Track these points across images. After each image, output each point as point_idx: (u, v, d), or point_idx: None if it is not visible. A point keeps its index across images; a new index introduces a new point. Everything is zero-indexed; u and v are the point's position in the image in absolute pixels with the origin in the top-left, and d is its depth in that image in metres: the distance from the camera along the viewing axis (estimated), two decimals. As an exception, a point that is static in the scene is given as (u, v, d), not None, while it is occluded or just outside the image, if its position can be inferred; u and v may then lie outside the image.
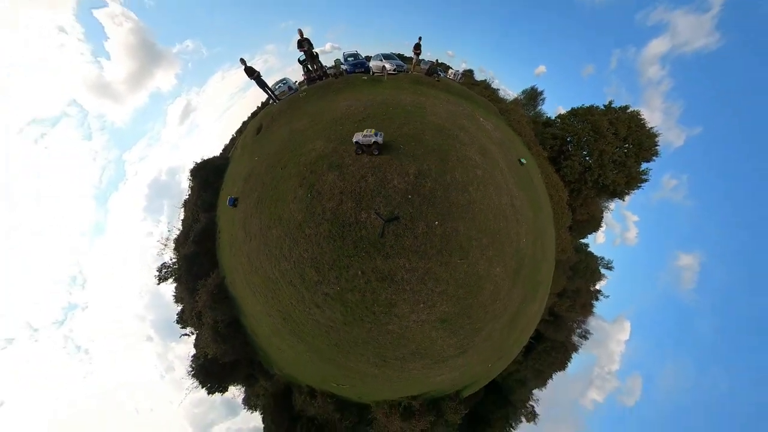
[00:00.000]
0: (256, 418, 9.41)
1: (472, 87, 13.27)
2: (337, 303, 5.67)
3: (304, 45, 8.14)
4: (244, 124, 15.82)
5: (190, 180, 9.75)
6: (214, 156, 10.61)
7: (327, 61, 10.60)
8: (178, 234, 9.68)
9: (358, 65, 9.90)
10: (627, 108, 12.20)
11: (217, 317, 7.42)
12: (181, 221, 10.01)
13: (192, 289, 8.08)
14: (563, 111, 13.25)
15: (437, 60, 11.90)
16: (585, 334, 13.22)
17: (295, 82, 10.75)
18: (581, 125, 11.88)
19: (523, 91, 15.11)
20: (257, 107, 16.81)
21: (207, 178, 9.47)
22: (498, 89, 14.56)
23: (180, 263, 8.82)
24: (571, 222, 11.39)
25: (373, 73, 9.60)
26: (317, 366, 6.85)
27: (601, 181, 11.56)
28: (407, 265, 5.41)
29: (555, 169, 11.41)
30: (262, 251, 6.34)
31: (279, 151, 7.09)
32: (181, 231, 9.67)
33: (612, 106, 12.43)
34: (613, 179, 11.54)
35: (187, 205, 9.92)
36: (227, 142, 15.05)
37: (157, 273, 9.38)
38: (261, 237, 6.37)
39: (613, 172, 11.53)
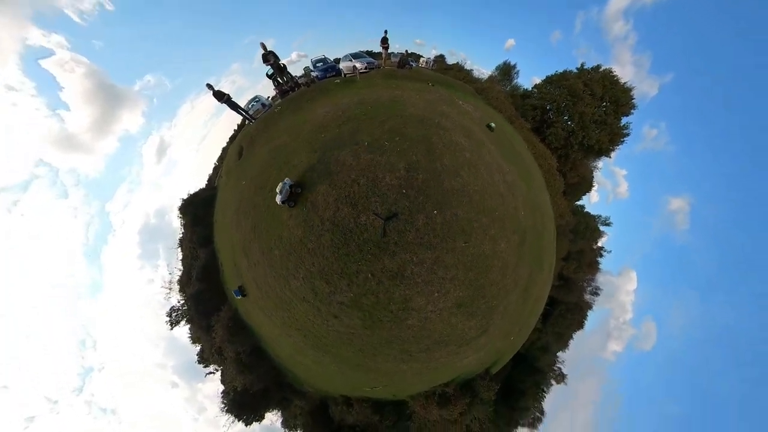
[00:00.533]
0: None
1: (445, 72, 13.16)
2: (354, 309, 5.69)
3: (269, 58, 7.89)
4: (224, 150, 15.43)
5: (180, 218, 9.54)
6: (200, 189, 10.37)
7: (296, 71, 10.42)
8: (180, 275, 9.53)
9: (328, 70, 9.63)
10: (599, 67, 12.45)
11: (238, 349, 7.38)
12: (181, 261, 9.82)
13: (206, 327, 7.98)
14: (539, 81, 13.43)
15: (407, 51, 11.81)
16: (595, 291, 13.64)
17: (268, 97, 10.44)
18: (558, 92, 12.07)
19: (497, 68, 15.08)
20: (234, 130, 16.40)
21: (197, 212, 9.29)
22: (471, 70, 14.39)
23: (188, 304, 8.74)
24: (564, 186, 11.58)
25: (345, 75, 9.42)
26: (346, 374, 6.89)
27: (586, 143, 11.83)
28: (414, 259, 5.44)
29: (540, 139, 11.58)
30: (268, 274, 6.30)
31: (265, 171, 6.99)
32: (183, 271, 9.52)
33: (584, 68, 12.63)
34: (597, 138, 11.84)
35: (183, 244, 9.73)
36: (210, 171, 14.71)
37: (168, 318, 9.24)
38: (265, 261, 6.31)
39: (596, 131, 11.83)
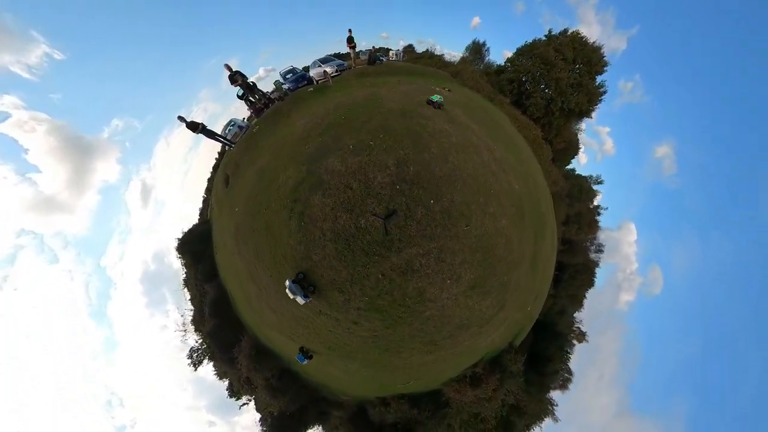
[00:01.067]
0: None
1: (416, 61, 13.13)
2: (372, 312, 5.71)
3: (236, 79, 7.70)
4: (209, 181, 15.15)
5: (179, 258, 9.36)
6: (193, 225, 10.19)
7: (267, 87, 10.20)
8: (192, 315, 9.41)
9: (299, 80, 9.43)
10: (566, 31, 12.58)
11: (266, 375, 7.37)
12: (190, 301, 9.67)
13: (230, 360, 7.93)
14: (510, 54, 13.44)
15: (373, 47, 11.65)
16: (599, 248, 14.20)
17: (244, 119, 10.25)
18: (531, 62, 12.15)
19: (467, 48, 15.02)
20: (216, 159, 16.09)
21: (195, 249, 9.14)
22: (442, 54, 14.34)
23: (207, 341, 8.67)
24: (552, 154, 11.86)
25: (318, 82, 9.20)
26: (377, 376, 6.95)
27: (566, 107, 12.12)
28: (421, 251, 5.47)
29: (521, 111, 11.72)
30: (280, 295, 6.24)
31: (255, 194, 6.89)
32: (194, 310, 9.39)
33: (552, 34, 12.70)
34: (576, 101, 12.11)
35: (189, 284, 9.58)
36: (200, 205, 14.43)
37: (189, 360, 9.14)
38: (274, 283, 6.27)
39: (574, 95, 12.08)
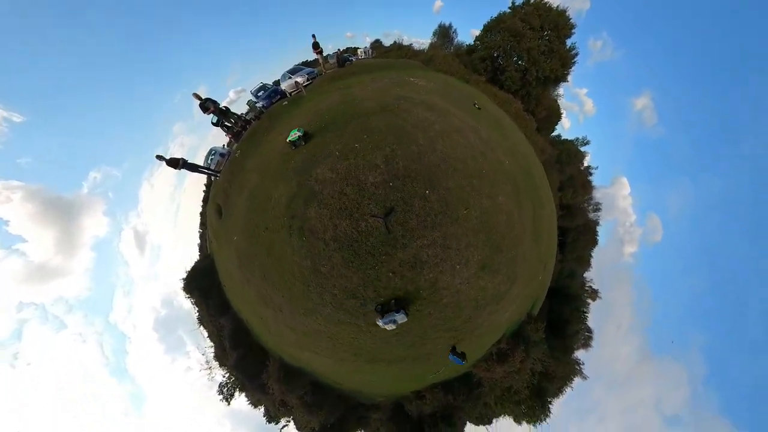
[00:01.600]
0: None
1: (386, 55, 12.97)
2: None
3: (208, 106, 7.50)
4: (202, 215, 14.93)
5: (188, 298, 9.25)
6: (195, 262, 10.03)
7: (240, 109, 9.88)
8: (213, 351, 9.31)
9: (272, 95, 9.22)
10: (529, 0, 12.57)
11: (299, 393, 7.39)
12: (208, 338, 9.59)
13: (261, 387, 7.91)
14: (478, 32, 13.46)
15: (339, 50, 11.52)
16: (596, 207, 14.41)
17: (224, 146, 10.06)
18: (500, 36, 12.14)
19: (434, 33, 14.90)
20: (204, 191, 15.84)
21: (202, 285, 9.01)
22: (411, 44, 14.15)
23: (234, 374, 8.59)
24: (536, 123, 11.84)
25: (291, 94, 9.03)
26: (407, 372, 7.02)
27: (541, 75, 12.13)
28: (425, 242, 5.51)
29: (499, 87, 11.74)
30: (297, 313, 6.26)
31: (251, 219, 6.82)
32: (215, 346, 9.29)
33: (516, 5, 12.72)
34: (550, 68, 12.12)
35: (203, 321, 9.47)
36: (198, 240, 14.23)
37: (221, 396, 9.09)
38: (288, 303, 6.26)
39: (547, 62, 12.06)
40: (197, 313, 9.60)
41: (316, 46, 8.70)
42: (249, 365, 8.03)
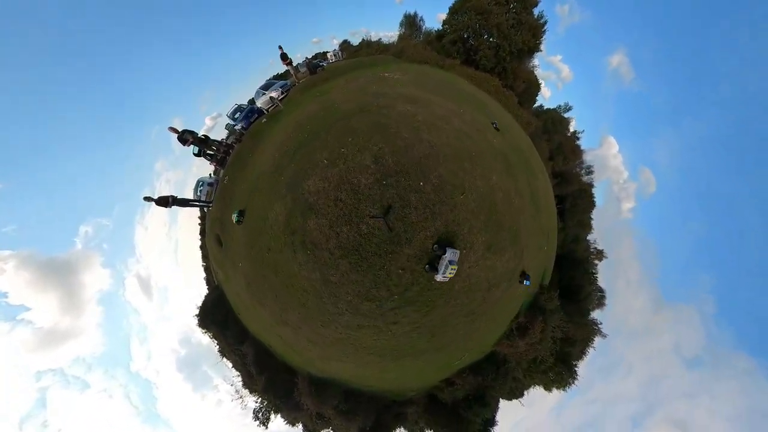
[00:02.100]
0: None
1: (356, 54, 12.77)
2: (406, 307, 5.81)
3: (186, 138, 7.30)
4: (202, 248, 14.79)
5: (205, 333, 9.21)
6: (205, 296, 9.97)
7: (220, 134, 9.85)
8: (241, 379, 9.32)
9: (249, 115, 9.00)
10: None
11: (333, 403, 7.46)
12: (233, 368, 9.59)
13: (295, 405, 7.97)
14: (445, 16, 13.18)
15: (307, 58, 11.31)
16: (589, 170, 14.51)
17: (210, 175, 9.88)
18: (466, 16, 11.99)
19: (401, 24, 14.71)
20: (199, 224, 15.65)
21: (216, 318, 8.98)
22: (379, 39, 13.95)
23: (265, 398, 8.61)
24: (517, 98, 11.86)
25: (268, 110, 8.86)
26: (432, 362, 7.11)
27: (514, 48, 11.98)
28: (428, 233, 5.55)
29: (474, 67, 11.61)
30: (316, 326, 6.29)
31: (252, 243, 6.79)
32: (242, 374, 9.30)
33: None
34: (522, 39, 11.97)
35: (225, 352, 9.44)
36: (203, 274, 14.12)
37: (257, 421, 9.10)
38: (305, 318, 6.28)
39: (518, 34, 11.93)
40: (217, 346, 9.58)
41: (284, 57, 8.53)
42: (279, 386, 8.10)
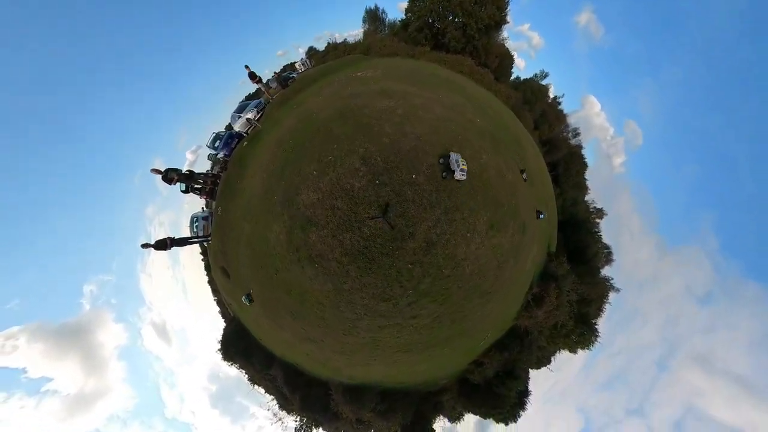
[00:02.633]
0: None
1: (325, 58, 12.49)
2: (422, 300, 5.85)
3: (171, 177, 7.20)
4: (210, 282, 14.70)
5: (231, 365, 9.21)
6: (224, 329, 9.92)
7: (204, 166, 9.68)
8: (276, 402, 9.36)
9: (229, 141, 8.89)
10: None
11: (370, 407, 7.53)
12: (266, 393, 9.64)
13: (334, 415, 8.04)
14: (406, 4, 12.97)
15: (276, 72, 11.09)
16: (575, 132, 14.59)
17: (203, 208, 9.71)
18: (428, 0, 11.76)
19: (364, 20, 14.53)
20: (202, 260, 15.54)
21: (239, 348, 8.95)
22: (344, 39, 13.84)
23: (304, 415, 8.69)
24: (492, 74, 11.70)
25: (247, 132, 8.75)
26: (458, 347, 7.21)
27: (481, 25, 11.78)
28: (430, 224, 5.57)
29: (445, 51, 11.41)
30: (338, 336, 6.32)
31: (259, 267, 6.76)
32: (276, 397, 9.34)
33: None
34: (487, 14, 11.78)
35: (255, 380, 9.48)
36: (217, 308, 14.06)
37: None
38: (326, 330, 6.30)
39: (482, 10, 11.73)
40: (246, 375, 9.60)
41: (252, 76, 8.44)
42: (314, 401, 8.15)
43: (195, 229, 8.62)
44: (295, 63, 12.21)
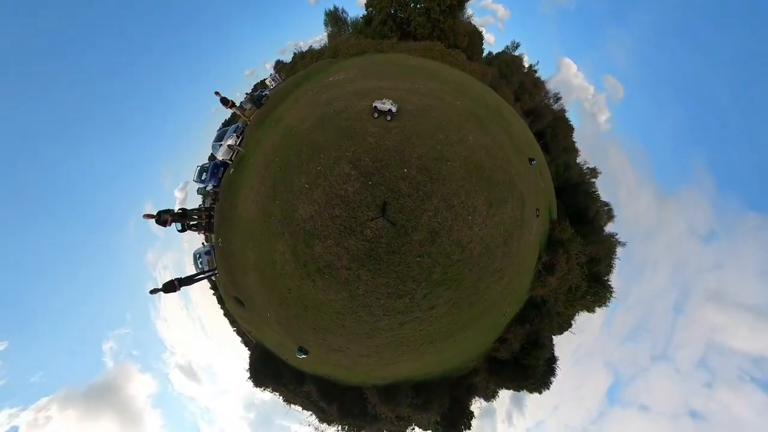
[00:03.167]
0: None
1: (294, 69, 12.38)
2: (436, 290, 5.90)
3: (165, 218, 7.04)
4: (226, 315, 14.74)
5: (264, 390, 9.33)
6: (249, 357, 9.99)
7: (195, 201, 9.70)
8: (315, 416, 9.56)
9: (215, 171, 8.77)
10: None
11: (406, 402, 7.68)
12: (303, 409, 9.79)
13: (373, 417, 8.20)
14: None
15: (247, 93, 10.96)
16: (557, 97, 14.63)
17: (203, 243, 9.76)
18: None
19: (325, 23, 14.35)
20: (213, 294, 15.56)
21: (268, 372, 9.05)
22: (309, 47, 13.53)
23: (344, 423, 8.88)
24: (464, 53, 11.63)
25: (232, 159, 8.70)
26: (480, 328, 7.30)
27: (444, 6, 11.61)
28: (430, 214, 5.59)
29: (414, 39, 11.34)
30: (362, 340, 6.39)
31: (270, 289, 6.78)
32: (314, 411, 9.54)
33: None
34: None
35: (289, 400, 9.62)
36: (237, 337, 14.12)
37: None
38: (349, 338, 6.37)
39: None
40: (281, 397, 9.72)
41: (224, 101, 8.29)
42: (352, 408, 8.31)
43: (200, 265, 8.66)
44: (266, 80, 12.39)
